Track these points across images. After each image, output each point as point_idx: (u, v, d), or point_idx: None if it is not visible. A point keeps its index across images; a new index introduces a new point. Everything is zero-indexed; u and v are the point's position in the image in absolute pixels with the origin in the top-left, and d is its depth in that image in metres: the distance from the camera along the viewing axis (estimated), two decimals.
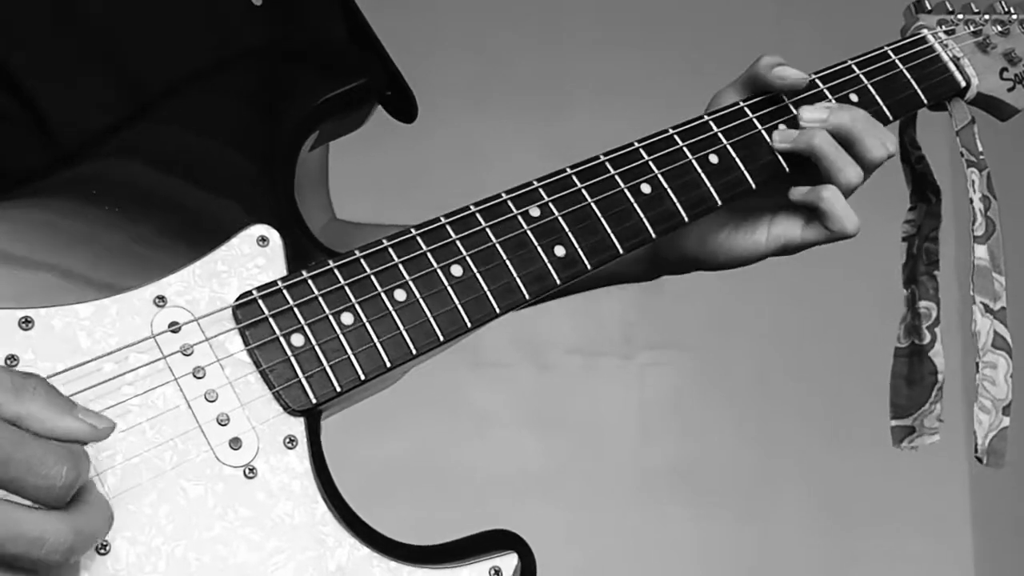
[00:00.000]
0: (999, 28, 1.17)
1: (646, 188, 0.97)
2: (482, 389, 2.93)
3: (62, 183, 0.83)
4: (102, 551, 0.76)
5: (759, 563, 2.93)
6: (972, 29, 1.16)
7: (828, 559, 2.94)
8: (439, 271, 0.89)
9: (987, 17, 1.17)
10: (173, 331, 0.82)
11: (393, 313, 0.86)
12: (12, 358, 0.77)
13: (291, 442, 0.82)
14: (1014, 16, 1.18)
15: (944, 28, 1.15)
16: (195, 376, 0.81)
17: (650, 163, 0.98)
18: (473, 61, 2.97)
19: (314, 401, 0.83)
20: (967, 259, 1.13)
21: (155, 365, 0.80)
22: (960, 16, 1.16)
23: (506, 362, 2.92)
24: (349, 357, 0.84)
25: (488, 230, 0.91)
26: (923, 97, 1.10)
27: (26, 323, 0.78)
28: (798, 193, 1.02)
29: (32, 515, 0.68)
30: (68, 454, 0.69)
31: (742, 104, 1.03)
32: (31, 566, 0.68)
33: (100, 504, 0.72)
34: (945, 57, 1.13)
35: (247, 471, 0.81)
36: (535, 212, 0.93)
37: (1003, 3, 1.20)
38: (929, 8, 1.17)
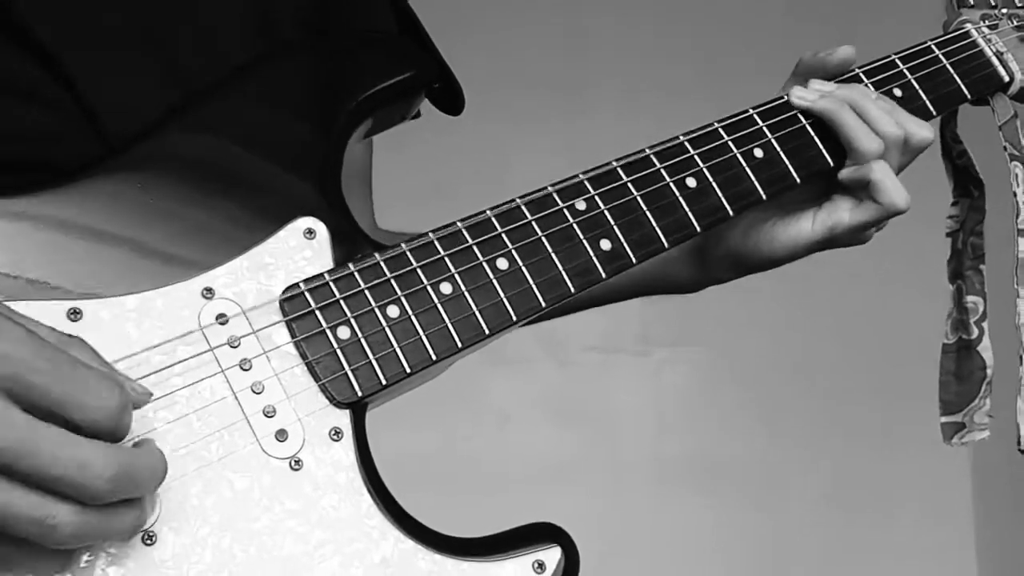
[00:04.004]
0: None
1: (691, 182, 0.92)
2: (503, 385, 2.89)
3: (125, 165, 0.79)
4: (148, 541, 0.72)
5: (770, 550, 2.89)
6: (1015, 23, 1.09)
7: (836, 546, 2.90)
8: (485, 264, 0.84)
9: None
10: (220, 323, 0.78)
11: (439, 306, 0.82)
12: None
13: (337, 434, 0.78)
14: None
15: (987, 23, 1.09)
16: (242, 368, 0.77)
17: (695, 157, 0.93)
18: (495, 62, 2.91)
19: (360, 394, 0.79)
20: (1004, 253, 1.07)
21: (202, 357, 0.76)
22: (1004, 10, 1.10)
23: (527, 358, 2.87)
24: (395, 350, 0.80)
25: (534, 223, 0.86)
26: (966, 92, 1.04)
27: (75, 314, 0.74)
28: (848, 172, 0.98)
29: (79, 439, 0.64)
30: (116, 382, 0.66)
31: (786, 96, 0.98)
32: (73, 492, 0.64)
33: (151, 453, 0.69)
34: (988, 52, 1.07)
35: (293, 463, 0.77)
36: (581, 205, 0.88)
37: None
38: (972, 3, 1.11)
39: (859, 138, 0.96)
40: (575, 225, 0.87)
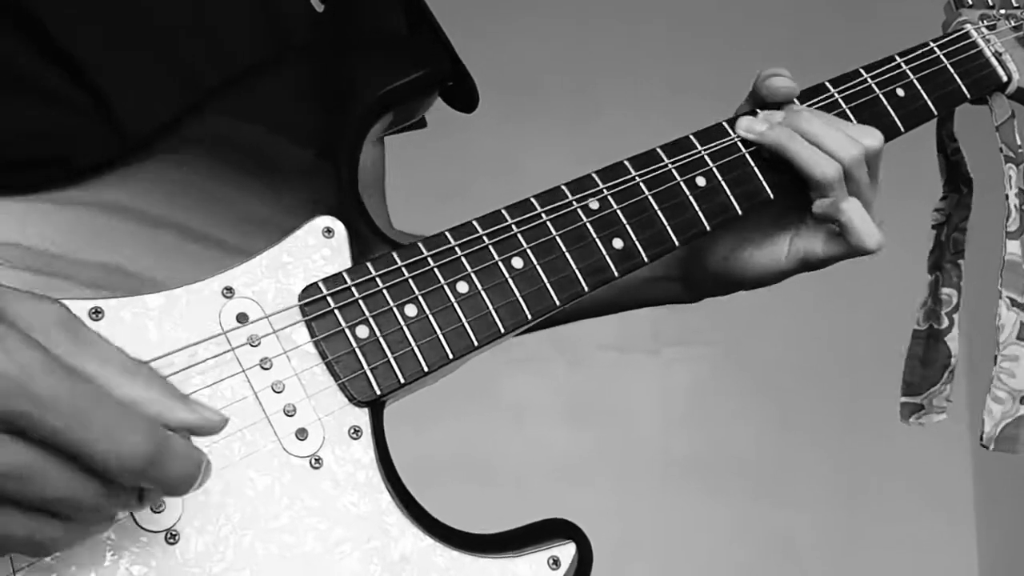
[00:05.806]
0: None
1: (701, 181, 0.91)
2: (516, 383, 2.89)
3: (168, 147, 0.78)
4: (171, 540, 0.71)
5: (781, 546, 2.91)
6: (1013, 24, 1.09)
7: (847, 541, 2.91)
8: (500, 263, 0.83)
9: None
10: (241, 323, 0.76)
11: (455, 305, 0.81)
12: None
13: (356, 432, 0.77)
14: None
15: (986, 23, 1.08)
16: (262, 367, 0.76)
17: (705, 156, 0.92)
18: (506, 63, 2.88)
19: (378, 392, 0.78)
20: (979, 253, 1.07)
21: (223, 357, 0.75)
22: (1001, 11, 1.10)
23: (540, 357, 2.87)
24: (413, 349, 0.79)
25: (548, 223, 0.85)
26: (966, 92, 1.04)
27: (96, 314, 0.73)
28: (820, 205, 0.95)
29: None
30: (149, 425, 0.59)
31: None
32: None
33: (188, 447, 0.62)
34: (988, 52, 1.07)
35: (313, 461, 0.76)
36: (594, 204, 0.87)
37: None
38: (970, 3, 1.10)
39: (813, 166, 0.92)
40: (588, 224, 0.87)
